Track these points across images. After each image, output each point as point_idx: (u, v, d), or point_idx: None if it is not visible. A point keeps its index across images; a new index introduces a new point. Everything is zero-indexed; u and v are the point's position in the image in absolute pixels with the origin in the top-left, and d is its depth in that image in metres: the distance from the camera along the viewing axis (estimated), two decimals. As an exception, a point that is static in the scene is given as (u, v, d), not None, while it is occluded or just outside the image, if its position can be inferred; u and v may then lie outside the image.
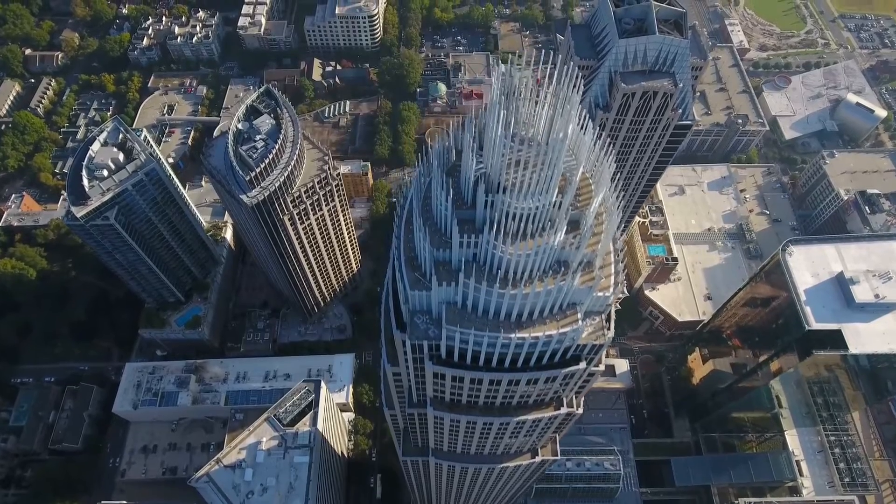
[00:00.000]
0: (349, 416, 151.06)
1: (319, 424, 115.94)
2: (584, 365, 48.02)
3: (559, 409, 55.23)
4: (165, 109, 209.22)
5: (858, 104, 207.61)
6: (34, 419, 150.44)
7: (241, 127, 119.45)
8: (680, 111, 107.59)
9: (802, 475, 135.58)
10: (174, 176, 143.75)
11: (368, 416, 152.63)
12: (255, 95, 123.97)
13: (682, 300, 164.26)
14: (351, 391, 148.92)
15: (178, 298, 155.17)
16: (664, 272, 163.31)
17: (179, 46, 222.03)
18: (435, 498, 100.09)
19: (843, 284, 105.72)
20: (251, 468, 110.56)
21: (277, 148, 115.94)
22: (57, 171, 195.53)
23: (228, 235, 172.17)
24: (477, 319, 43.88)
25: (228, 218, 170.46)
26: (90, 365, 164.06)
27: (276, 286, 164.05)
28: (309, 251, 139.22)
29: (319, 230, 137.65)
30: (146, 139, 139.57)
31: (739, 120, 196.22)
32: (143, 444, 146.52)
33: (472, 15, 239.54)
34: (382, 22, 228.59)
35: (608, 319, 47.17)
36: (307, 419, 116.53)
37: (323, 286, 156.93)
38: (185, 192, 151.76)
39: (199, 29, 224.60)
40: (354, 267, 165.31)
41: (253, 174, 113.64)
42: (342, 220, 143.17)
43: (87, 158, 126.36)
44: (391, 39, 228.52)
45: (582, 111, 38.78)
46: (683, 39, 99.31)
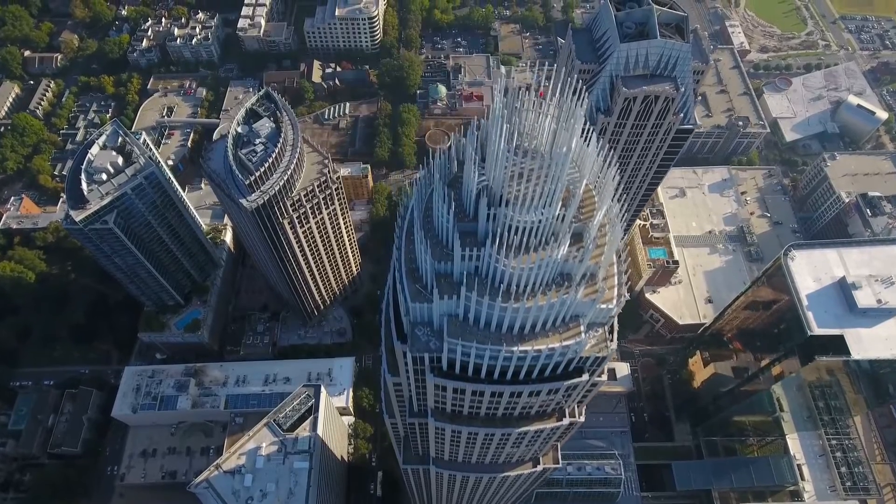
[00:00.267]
0: (349, 419, 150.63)
1: (319, 429, 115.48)
2: (586, 377, 47.55)
3: (561, 420, 54.77)
4: (165, 111, 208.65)
5: (859, 106, 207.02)
6: (33, 423, 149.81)
7: (240, 130, 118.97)
8: (681, 115, 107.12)
9: (804, 479, 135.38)
10: (173, 179, 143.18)
11: (368, 419, 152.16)
12: (254, 99, 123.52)
13: (682, 303, 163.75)
14: (351, 395, 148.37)
15: (177, 302, 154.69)
16: (665, 275, 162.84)
17: (179, 48, 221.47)
18: (436, 502, 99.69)
19: (845, 289, 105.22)
20: (251, 474, 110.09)
21: (277, 151, 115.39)
22: (56, 173, 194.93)
23: (228, 238, 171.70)
24: (479, 332, 43.41)
25: (228, 220, 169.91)
26: (89, 368, 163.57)
27: (275, 289, 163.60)
28: (309, 255, 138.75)
29: (319, 233, 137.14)
30: (145, 142, 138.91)
31: (740, 122, 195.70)
32: (142, 447, 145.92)
33: (472, 16, 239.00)
34: (382, 23, 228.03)
35: (611, 331, 46.71)
36: (307, 424, 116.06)
37: (323, 289, 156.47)
38: (184, 194, 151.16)
39: (198, 30, 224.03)
40: (354, 270, 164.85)
41: (253, 178, 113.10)
42: (342, 223, 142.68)
43: (85, 162, 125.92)
44: (391, 41, 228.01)
45: (586, 124, 38.26)
46: (685, 43, 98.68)
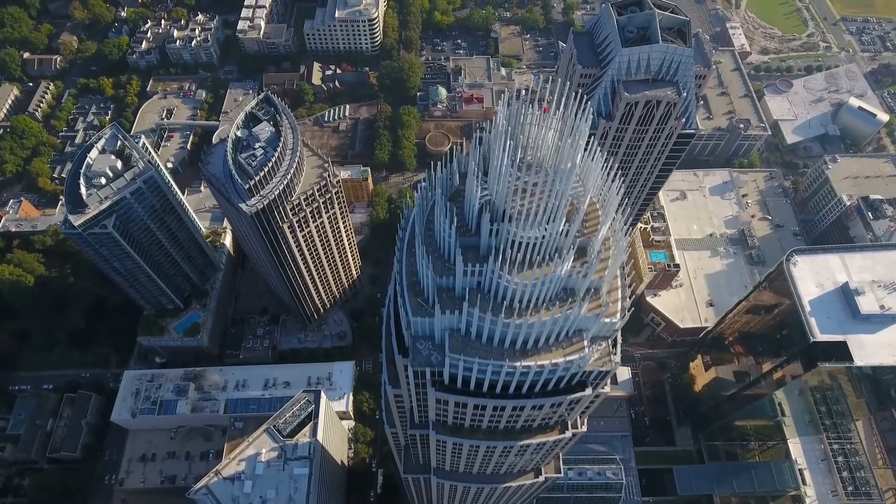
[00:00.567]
0: (349, 423, 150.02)
1: (319, 435, 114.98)
2: (590, 391, 47.02)
3: (564, 432, 54.28)
4: (164, 113, 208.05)
5: (860, 108, 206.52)
6: (32, 427, 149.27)
7: (240, 134, 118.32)
8: (683, 120, 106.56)
9: (805, 484, 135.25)
10: (173, 183, 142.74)
11: (368, 423, 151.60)
12: (254, 102, 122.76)
13: (683, 306, 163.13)
14: (351, 399, 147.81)
15: (176, 305, 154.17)
16: (666, 278, 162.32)
17: (178, 50, 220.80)
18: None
19: (847, 295, 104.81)
20: (250, 480, 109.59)
21: (277, 156, 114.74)
22: (55, 175, 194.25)
23: (227, 241, 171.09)
24: (481, 347, 42.90)
25: (228, 223, 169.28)
26: (88, 372, 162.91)
27: (275, 292, 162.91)
28: (309, 258, 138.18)
29: (319, 237, 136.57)
30: (144, 146, 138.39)
31: (741, 124, 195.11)
32: (141, 452, 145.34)
33: (472, 18, 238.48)
34: (382, 25, 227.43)
35: (614, 344, 46.20)
36: (307, 430, 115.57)
37: (323, 293, 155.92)
38: (183, 198, 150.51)
39: (198, 32, 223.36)
40: (354, 273, 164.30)
41: (252, 182, 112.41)
42: (342, 226, 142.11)
43: (84, 166, 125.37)
44: (391, 43, 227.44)
45: (590, 137, 37.65)
46: (687, 48, 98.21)
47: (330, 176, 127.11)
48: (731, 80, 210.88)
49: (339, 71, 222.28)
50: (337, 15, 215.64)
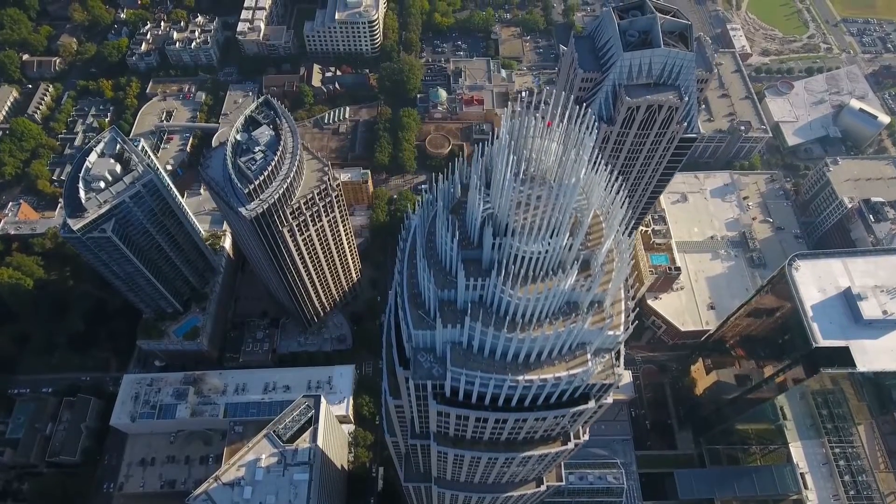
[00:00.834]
0: (349, 427, 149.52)
1: (319, 440, 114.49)
2: (593, 404, 46.56)
3: (566, 444, 53.81)
4: (164, 115, 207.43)
5: (861, 110, 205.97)
6: (31, 431, 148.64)
7: (239, 138, 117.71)
8: (685, 124, 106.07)
9: (807, 488, 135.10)
10: (172, 186, 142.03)
11: (369, 427, 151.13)
12: (253, 106, 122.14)
13: (684, 309, 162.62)
14: (351, 403, 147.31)
15: (176, 309, 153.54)
16: (667, 281, 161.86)
17: (178, 52, 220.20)
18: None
19: (850, 300, 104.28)
20: (250, 486, 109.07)
21: (276, 159, 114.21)
22: (55, 178, 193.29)
23: (227, 244, 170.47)
24: (483, 361, 42.45)
25: (227, 226, 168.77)
26: (88, 375, 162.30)
27: (275, 296, 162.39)
28: (308, 262, 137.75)
29: (319, 241, 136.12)
30: (143, 149, 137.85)
31: (742, 127, 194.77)
32: (141, 456, 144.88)
33: (472, 19, 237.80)
34: (382, 27, 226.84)
35: (618, 357, 45.75)
36: (307, 435, 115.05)
37: (323, 296, 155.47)
38: (183, 201, 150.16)
39: (197, 34, 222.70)
40: (354, 276, 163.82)
41: (252, 186, 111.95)
42: (342, 230, 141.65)
43: (83, 170, 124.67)
44: (391, 44, 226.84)
45: (595, 152, 37.18)
46: (689, 52, 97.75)
47: (330, 179, 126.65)
48: (731, 81, 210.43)
49: (338, 73, 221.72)
50: (337, 17, 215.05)
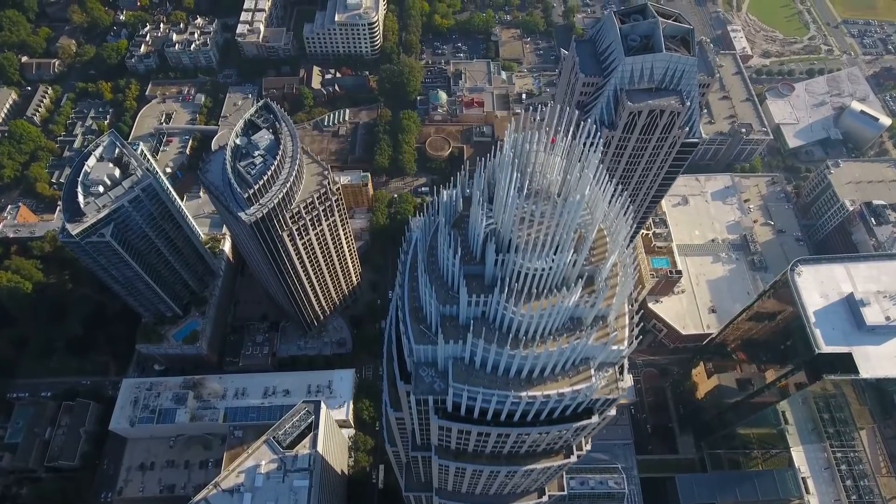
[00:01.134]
0: (349, 432, 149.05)
1: (319, 446, 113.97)
2: (596, 418, 46.03)
3: (569, 457, 53.28)
4: (163, 118, 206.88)
5: (863, 112, 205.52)
6: (30, 436, 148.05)
7: (239, 142, 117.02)
8: (687, 129, 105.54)
9: (809, 493, 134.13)
10: (171, 190, 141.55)
11: (369, 432, 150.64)
12: (253, 110, 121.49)
13: (686, 313, 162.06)
14: (351, 407, 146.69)
15: (175, 313, 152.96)
16: (668, 285, 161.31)
17: (177, 54, 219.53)
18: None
19: (853, 306, 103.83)
20: (250, 492, 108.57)
21: (276, 164, 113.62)
22: (54, 180, 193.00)
23: (227, 248, 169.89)
24: (485, 376, 41.92)
25: (227, 230, 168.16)
26: (87, 379, 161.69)
27: (274, 299, 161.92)
28: (308, 266, 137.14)
29: (319, 245, 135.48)
30: (143, 153, 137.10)
31: (743, 129, 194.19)
32: (140, 461, 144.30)
33: (472, 21, 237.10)
34: (382, 29, 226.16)
35: (621, 371, 45.20)
36: (307, 441, 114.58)
37: (322, 300, 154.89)
38: (182, 204, 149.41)
39: (197, 36, 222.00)
40: (354, 279, 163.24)
41: (251, 191, 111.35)
42: (342, 233, 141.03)
43: (82, 174, 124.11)
44: (391, 46, 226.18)
45: (600, 167, 36.59)
46: (691, 57, 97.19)
47: (330, 183, 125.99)
48: (732, 83, 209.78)
49: (338, 75, 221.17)
50: (336, 18, 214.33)
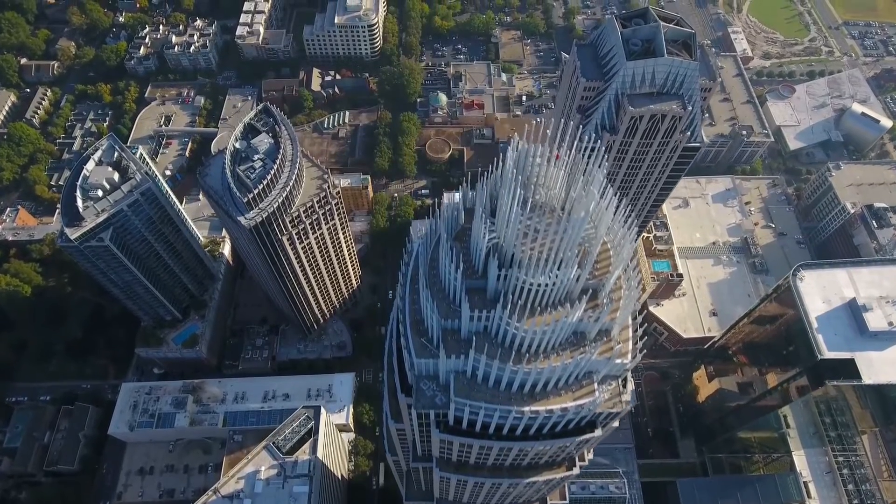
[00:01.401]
0: (349, 436, 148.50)
1: (319, 452, 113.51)
2: (599, 432, 45.54)
3: (571, 469, 52.78)
4: (162, 120, 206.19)
5: (863, 114, 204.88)
6: (29, 440, 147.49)
7: (238, 146, 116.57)
8: (688, 133, 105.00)
9: (810, 497, 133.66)
10: (171, 193, 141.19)
11: (369, 436, 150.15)
12: (252, 113, 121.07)
13: (686, 316, 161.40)
14: (351, 411, 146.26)
15: (174, 316, 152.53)
16: (669, 288, 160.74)
17: (177, 56, 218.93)
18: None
19: (855, 311, 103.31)
20: (249, 499, 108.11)
21: (276, 168, 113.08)
22: (53, 183, 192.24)
23: (226, 251, 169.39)
24: (488, 391, 41.46)
25: (226, 233, 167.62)
26: (86, 383, 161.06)
27: (274, 302, 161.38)
28: (308, 270, 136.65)
29: (319, 249, 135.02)
30: (142, 157, 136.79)
31: (744, 131, 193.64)
32: (139, 465, 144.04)
33: (472, 23, 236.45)
34: (382, 31, 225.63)
35: (625, 383, 44.73)
36: (307, 447, 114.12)
37: (322, 303, 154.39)
38: (181, 207, 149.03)
39: (196, 38, 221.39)
40: (354, 283, 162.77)
41: (251, 195, 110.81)
42: (342, 237, 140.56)
43: (81, 178, 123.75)
44: (391, 48, 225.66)
45: (604, 183, 36.07)
46: (693, 61, 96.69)
47: (329, 187, 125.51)
48: (733, 85, 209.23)
49: (338, 77, 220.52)
50: (336, 20, 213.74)
